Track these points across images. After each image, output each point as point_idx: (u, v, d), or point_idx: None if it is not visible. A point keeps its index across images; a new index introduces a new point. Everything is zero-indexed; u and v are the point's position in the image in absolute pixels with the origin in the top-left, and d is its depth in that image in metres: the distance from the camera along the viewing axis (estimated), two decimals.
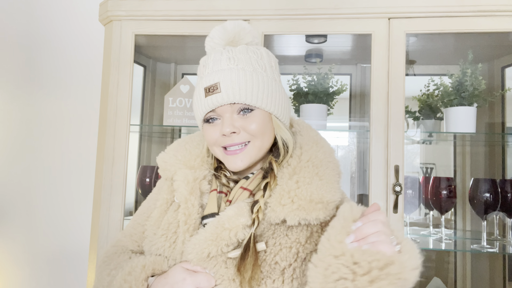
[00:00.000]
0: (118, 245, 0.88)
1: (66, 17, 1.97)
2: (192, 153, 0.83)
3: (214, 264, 0.70)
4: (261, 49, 0.80)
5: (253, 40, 0.81)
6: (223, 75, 0.73)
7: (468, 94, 1.42)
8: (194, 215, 0.75)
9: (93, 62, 1.93)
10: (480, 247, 1.40)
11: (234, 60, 0.75)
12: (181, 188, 0.77)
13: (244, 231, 0.70)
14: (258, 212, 0.71)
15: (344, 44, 1.58)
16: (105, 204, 1.40)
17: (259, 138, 0.75)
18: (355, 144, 1.79)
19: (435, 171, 1.75)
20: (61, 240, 1.90)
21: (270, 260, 0.70)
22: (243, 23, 0.80)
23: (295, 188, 0.71)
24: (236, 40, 0.79)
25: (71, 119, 1.94)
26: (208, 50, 0.81)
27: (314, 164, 0.75)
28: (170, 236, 0.77)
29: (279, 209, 0.70)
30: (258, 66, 0.76)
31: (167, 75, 1.92)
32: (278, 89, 0.78)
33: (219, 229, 0.70)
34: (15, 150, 1.96)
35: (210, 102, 0.74)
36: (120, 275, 0.73)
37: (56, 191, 1.92)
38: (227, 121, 0.74)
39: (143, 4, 1.43)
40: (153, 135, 1.89)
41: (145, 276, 0.72)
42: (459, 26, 1.31)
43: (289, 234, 0.72)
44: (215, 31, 0.80)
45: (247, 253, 0.68)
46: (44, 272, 1.90)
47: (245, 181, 0.79)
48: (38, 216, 1.93)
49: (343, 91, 1.60)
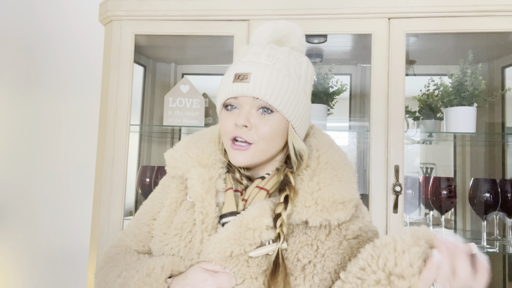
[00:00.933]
0: (120, 245, 0.87)
1: (66, 17, 1.97)
2: (204, 151, 0.81)
3: (235, 264, 0.70)
4: (303, 58, 0.79)
5: (299, 46, 0.80)
6: (256, 67, 0.73)
7: (468, 94, 1.42)
8: (211, 214, 0.75)
9: (93, 62, 1.93)
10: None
11: (273, 58, 0.74)
12: (196, 186, 0.76)
13: (267, 232, 0.70)
14: (281, 226, 0.70)
15: (344, 44, 1.58)
16: (105, 204, 1.40)
17: (265, 142, 0.74)
18: (355, 144, 1.79)
19: (435, 171, 1.75)
20: (61, 240, 1.91)
21: (292, 258, 0.70)
22: (295, 27, 0.80)
23: (317, 190, 0.71)
24: (283, 41, 0.79)
25: (71, 119, 1.94)
26: (253, 41, 0.81)
27: (333, 166, 0.75)
28: (185, 235, 0.76)
29: (304, 211, 0.71)
30: (294, 72, 0.75)
31: (167, 75, 1.92)
32: (305, 101, 0.77)
33: (243, 229, 0.70)
34: (15, 150, 1.96)
35: (235, 89, 0.73)
36: (137, 277, 0.71)
37: (56, 191, 1.92)
38: (244, 113, 0.73)
39: (143, 4, 1.43)
40: (153, 135, 1.89)
41: (165, 277, 0.71)
42: (459, 26, 1.31)
43: (308, 233, 0.72)
44: (266, 25, 0.79)
45: (278, 269, 0.68)
46: (44, 272, 1.90)
47: (261, 180, 0.78)
48: (38, 216, 1.93)
49: (343, 91, 1.60)
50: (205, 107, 1.63)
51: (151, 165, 1.74)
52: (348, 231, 0.74)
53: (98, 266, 0.84)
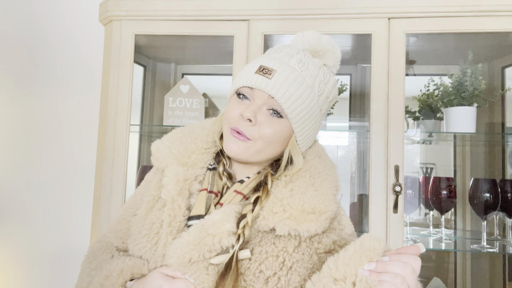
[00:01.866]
0: (103, 241, 0.86)
1: (66, 17, 1.97)
2: (187, 149, 0.79)
3: (195, 270, 0.67)
4: (332, 78, 0.77)
5: (333, 66, 0.78)
6: (284, 67, 0.71)
7: (468, 94, 1.42)
8: (179, 217, 0.72)
9: (93, 62, 1.93)
10: (480, 247, 1.40)
11: (304, 65, 0.72)
12: (169, 186, 0.74)
13: (229, 238, 0.67)
14: (244, 227, 0.67)
15: (344, 44, 1.58)
16: (105, 204, 1.40)
17: (263, 144, 0.71)
18: (355, 144, 1.79)
19: (435, 171, 1.75)
20: (61, 240, 1.90)
21: (255, 268, 0.67)
22: (337, 47, 0.78)
23: (288, 197, 0.69)
24: (319, 54, 0.77)
25: (71, 119, 1.94)
26: (290, 43, 0.79)
27: (312, 174, 0.73)
28: (152, 237, 0.73)
29: (270, 217, 0.68)
30: (317, 88, 0.73)
31: (167, 75, 1.92)
32: (317, 119, 0.75)
33: (203, 234, 0.67)
34: (15, 150, 1.96)
35: (255, 80, 0.70)
36: (97, 278, 0.71)
37: (56, 191, 1.92)
38: (254, 107, 0.70)
39: (143, 4, 1.43)
40: (153, 135, 1.89)
41: (122, 281, 0.70)
42: (459, 26, 1.31)
43: (276, 243, 0.69)
44: (310, 34, 0.77)
45: (228, 272, 0.64)
46: (44, 272, 1.90)
47: (240, 184, 0.76)
48: (38, 216, 1.93)
49: (343, 91, 1.60)
50: (205, 107, 1.63)
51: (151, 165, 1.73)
52: (320, 244, 0.70)
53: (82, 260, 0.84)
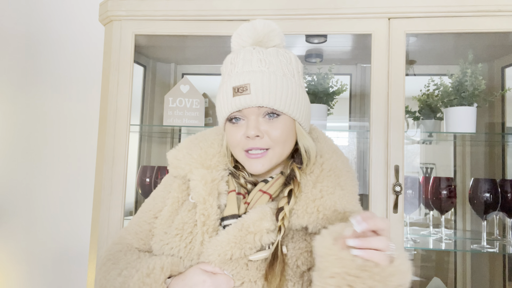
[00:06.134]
0: (122, 242, 0.87)
1: (66, 17, 1.97)
2: (208, 153, 0.81)
3: (235, 266, 0.70)
4: (290, 54, 0.79)
5: (281, 42, 0.80)
6: (254, 76, 0.72)
7: (468, 94, 1.42)
8: (213, 216, 0.75)
9: (93, 62, 1.93)
10: (480, 247, 1.40)
11: (266, 62, 0.74)
12: (198, 188, 0.77)
13: (268, 236, 0.70)
14: (283, 219, 0.71)
15: (344, 44, 1.58)
16: (105, 204, 1.40)
17: (280, 145, 0.75)
18: (355, 144, 1.79)
19: (435, 171, 1.75)
20: (61, 240, 1.90)
21: (292, 263, 0.70)
22: (273, 24, 0.79)
23: (320, 197, 0.72)
24: (264, 41, 0.78)
25: (71, 119, 1.94)
26: (234, 47, 0.80)
27: (336, 173, 0.76)
28: (186, 236, 0.76)
29: (305, 217, 0.71)
30: (288, 71, 0.75)
31: (167, 75, 1.92)
32: (304, 96, 0.78)
33: (243, 232, 0.70)
34: (15, 150, 1.96)
35: (238, 102, 0.72)
36: (137, 276, 0.72)
37: (56, 191, 1.92)
38: (252, 123, 0.73)
39: (143, 4, 1.43)
40: (153, 135, 1.89)
41: (164, 278, 0.71)
42: (459, 26, 1.31)
43: (308, 239, 0.73)
44: (243, 28, 0.79)
45: (276, 261, 0.68)
46: (44, 272, 1.90)
47: (264, 184, 0.78)
48: (38, 216, 1.93)
49: (343, 91, 1.60)
50: (205, 107, 1.63)
51: (151, 165, 1.74)
52: None
53: (99, 263, 0.84)
